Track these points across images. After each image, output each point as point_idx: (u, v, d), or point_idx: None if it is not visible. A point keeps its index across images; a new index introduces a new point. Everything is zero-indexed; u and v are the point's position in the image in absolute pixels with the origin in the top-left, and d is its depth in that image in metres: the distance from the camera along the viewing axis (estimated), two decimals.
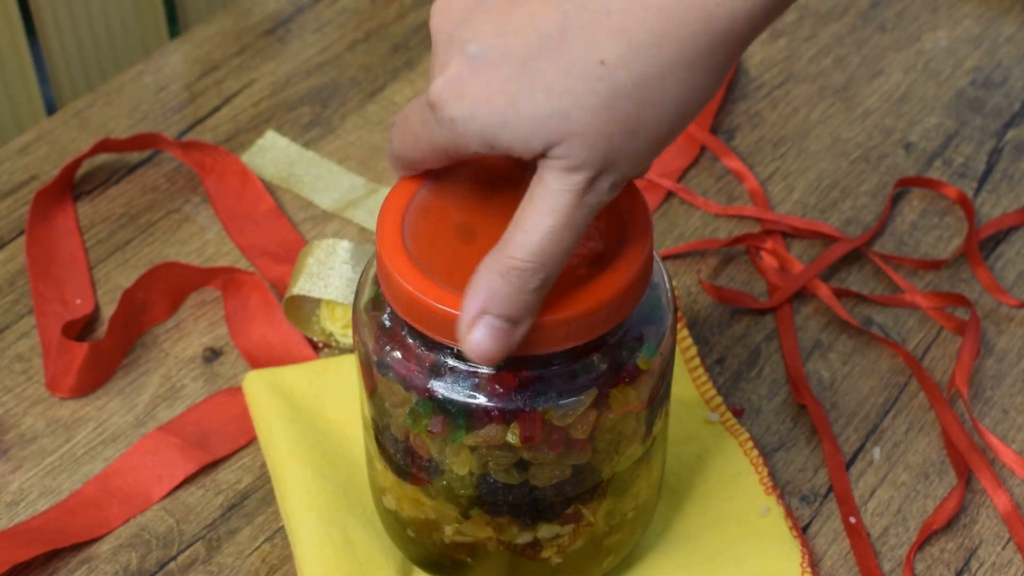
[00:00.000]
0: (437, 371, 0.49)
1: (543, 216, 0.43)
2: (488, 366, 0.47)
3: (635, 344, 0.50)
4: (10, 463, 0.64)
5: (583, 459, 0.50)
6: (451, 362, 0.48)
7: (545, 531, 0.53)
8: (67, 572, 0.60)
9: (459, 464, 0.50)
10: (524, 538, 0.53)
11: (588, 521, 0.53)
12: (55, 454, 0.64)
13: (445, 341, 0.47)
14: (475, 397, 0.48)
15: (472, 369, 0.48)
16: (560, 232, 0.43)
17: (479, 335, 0.44)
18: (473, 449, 0.49)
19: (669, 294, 0.52)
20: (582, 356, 0.49)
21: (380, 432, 0.53)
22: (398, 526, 0.56)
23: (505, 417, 0.48)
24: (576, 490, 0.52)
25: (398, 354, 0.49)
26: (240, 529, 0.61)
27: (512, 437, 0.48)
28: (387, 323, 0.50)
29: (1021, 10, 0.91)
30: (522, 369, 0.48)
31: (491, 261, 0.44)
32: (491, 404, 0.48)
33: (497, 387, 0.48)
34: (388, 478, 0.54)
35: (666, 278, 0.53)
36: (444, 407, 0.49)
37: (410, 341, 0.49)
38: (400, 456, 0.52)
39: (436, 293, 0.46)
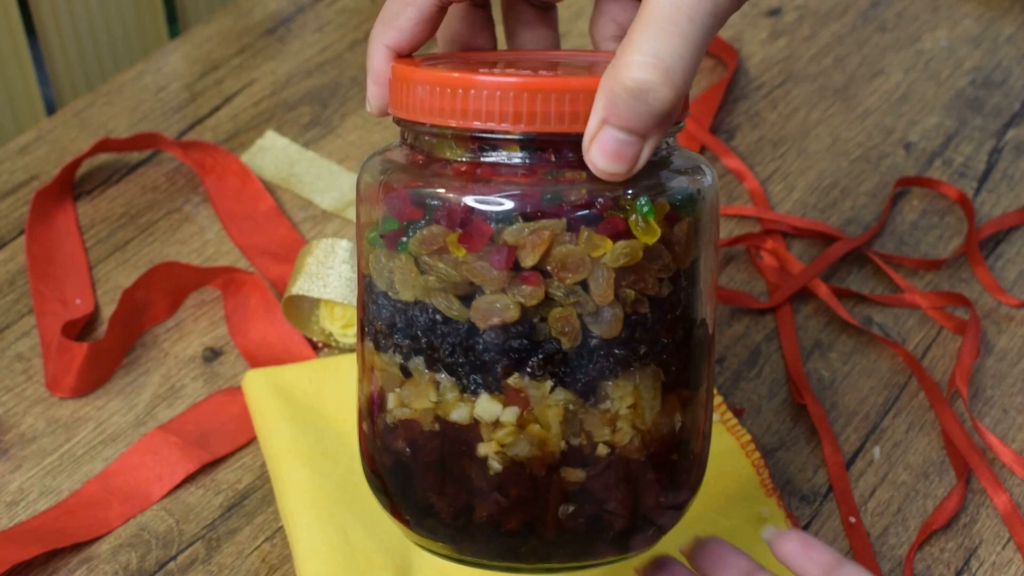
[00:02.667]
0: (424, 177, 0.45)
1: (666, 23, 0.41)
2: (618, 180, 0.43)
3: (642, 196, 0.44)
4: (10, 463, 0.64)
5: (533, 298, 0.43)
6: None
7: (484, 407, 0.44)
8: (67, 572, 0.60)
9: (405, 287, 0.45)
10: (460, 413, 0.45)
11: (533, 409, 0.44)
12: (55, 454, 0.64)
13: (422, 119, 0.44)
14: (435, 195, 0.44)
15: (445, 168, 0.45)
16: (681, 37, 0.41)
17: (598, 148, 0.42)
18: (420, 271, 0.44)
19: (713, 202, 0.47)
20: (566, 165, 0.44)
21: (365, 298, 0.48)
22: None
23: (453, 220, 0.44)
24: (521, 348, 0.44)
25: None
26: (240, 529, 0.61)
27: (452, 245, 0.43)
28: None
29: (1021, 10, 0.91)
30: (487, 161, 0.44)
31: (610, 72, 0.42)
32: (440, 200, 0.44)
33: (453, 180, 0.44)
34: (367, 360, 0.49)
35: (714, 182, 0.47)
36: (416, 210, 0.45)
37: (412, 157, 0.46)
38: (371, 310, 0.47)
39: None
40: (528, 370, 0.44)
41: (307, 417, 0.63)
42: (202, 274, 0.71)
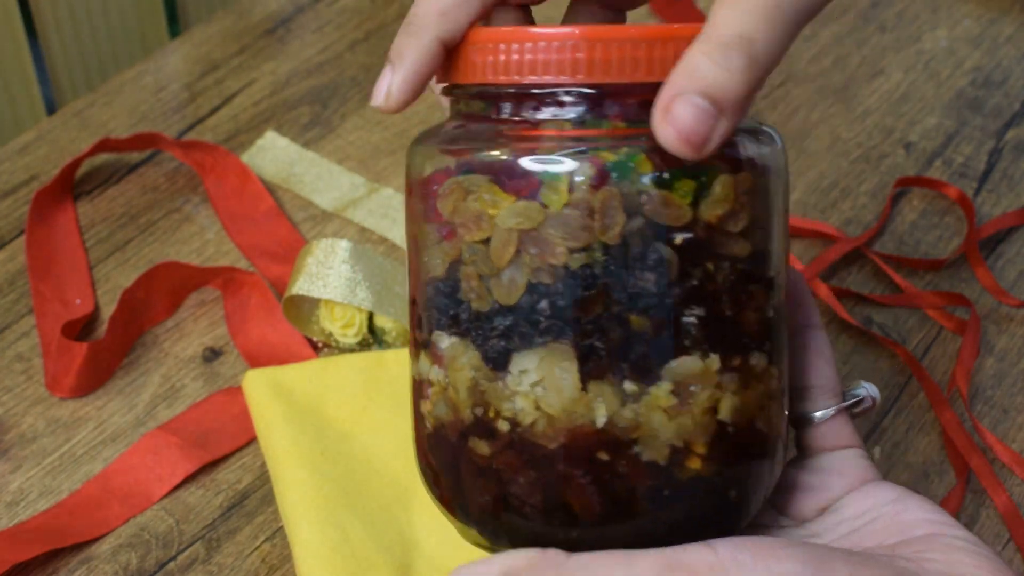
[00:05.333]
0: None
1: (752, 6, 0.39)
2: (690, 158, 0.39)
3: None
4: (10, 463, 0.64)
5: (449, 255, 0.42)
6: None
7: (422, 364, 0.44)
8: (67, 572, 0.60)
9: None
10: (415, 369, 0.45)
11: (447, 371, 0.43)
12: (55, 454, 0.64)
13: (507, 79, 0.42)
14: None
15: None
16: (768, 22, 0.39)
17: (674, 113, 0.39)
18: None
19: (783, 168, 0.44)
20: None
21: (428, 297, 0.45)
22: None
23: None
24: (440, 305, 0.43)
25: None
26: (240, 529, 0.61)
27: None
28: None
29: (1021, 10, 0.91)
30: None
31: (696, 43, 0.39)
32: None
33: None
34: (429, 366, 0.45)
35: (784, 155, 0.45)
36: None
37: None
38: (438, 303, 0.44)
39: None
40: (443, 329, 0.43)
41: (307, 417, 0.63)
42: (202, 274, 0.71)
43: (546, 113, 0.42)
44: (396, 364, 0.66)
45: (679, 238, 0.41)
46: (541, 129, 0.42)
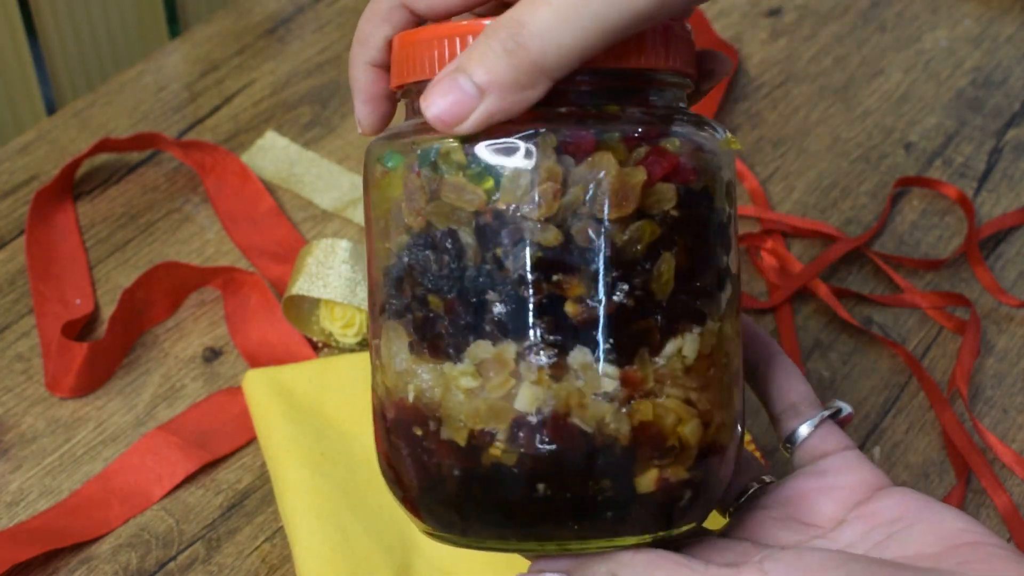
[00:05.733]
0: None
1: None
2: (450, 134, 0.41)
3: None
4: (10, 463, 0.64)
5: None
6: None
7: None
8: (67, 572, 0.60)
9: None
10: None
11: None
12: (55, 454, 0.64)
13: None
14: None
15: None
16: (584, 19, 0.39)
17: (432, 91, 0.41)
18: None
19: (727, 163, 0.44)
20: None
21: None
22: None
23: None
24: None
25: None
26: (240, 529, 0.61)
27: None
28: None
29: (1021, 10, 0.91)
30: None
31: (495, 25, 0.40)
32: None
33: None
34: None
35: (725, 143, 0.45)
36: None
37: None
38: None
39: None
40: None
41: (307, 417, 0.63)
42: (202, 274, 0.71)
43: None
44: None
45: (477, 222, 0.42)
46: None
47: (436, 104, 0.40)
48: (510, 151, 0.41)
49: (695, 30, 0.41)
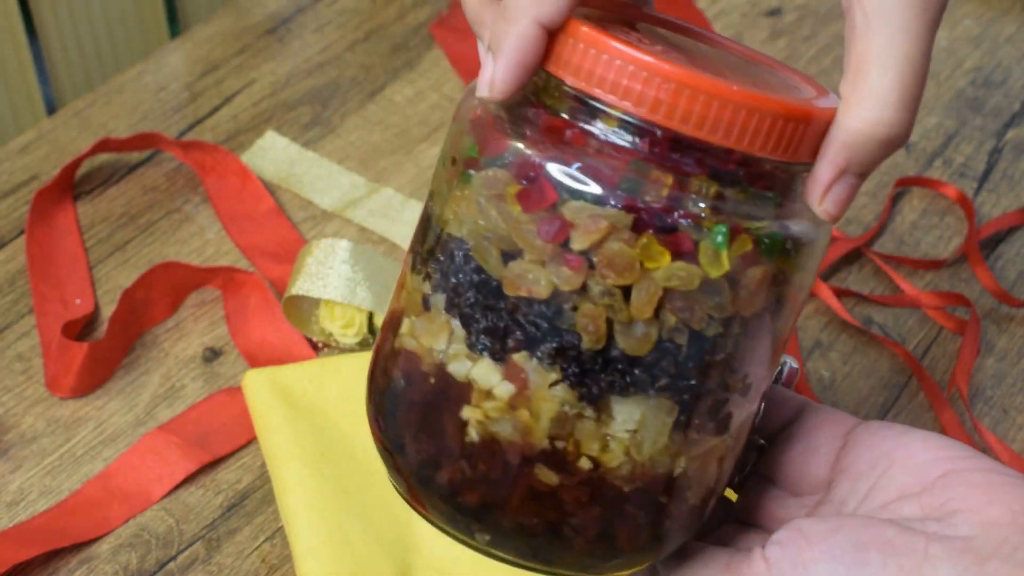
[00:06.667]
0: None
1: (893, 50, 0.39)
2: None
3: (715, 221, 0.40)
4: (10, 463, 0.64)
5: (568, 284, 0.40)
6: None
7: (482, 372, 0.42)
8: (67, 572, 0.60)
9: (456, 221, 0.42)
10: (458, 368, 0.42)
11: (528, 394, 0.42)
12: (55, 454, 0.64)
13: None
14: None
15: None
16: (919, 60, 0.39)
17: (835, 198, 0.41)
18: (478, 210, 0.42)
19: (809, 261, 0.43)
20: (656, 160, 0.40)
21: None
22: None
23: (522, 172, 0.40)
24: (538, 328, 0.41)
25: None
26: (240, 529, 0.61)
27: (510, 197, 0.40)
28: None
29: (1021, 10, 0.91)
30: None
31: (844, 118, 0.40)
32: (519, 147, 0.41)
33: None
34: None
35: (820, 239, 0.43)
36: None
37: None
38: (422, 228, 0.45)
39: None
40: (537, 354, 0.41)
41: (307, 417, 0.63)
42: (202, 274, 0.71)
43: (590, 124, 0.41)
44: None
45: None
46: (581, 139, 0.41)
47: (839, 211, 0.41)
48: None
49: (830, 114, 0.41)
